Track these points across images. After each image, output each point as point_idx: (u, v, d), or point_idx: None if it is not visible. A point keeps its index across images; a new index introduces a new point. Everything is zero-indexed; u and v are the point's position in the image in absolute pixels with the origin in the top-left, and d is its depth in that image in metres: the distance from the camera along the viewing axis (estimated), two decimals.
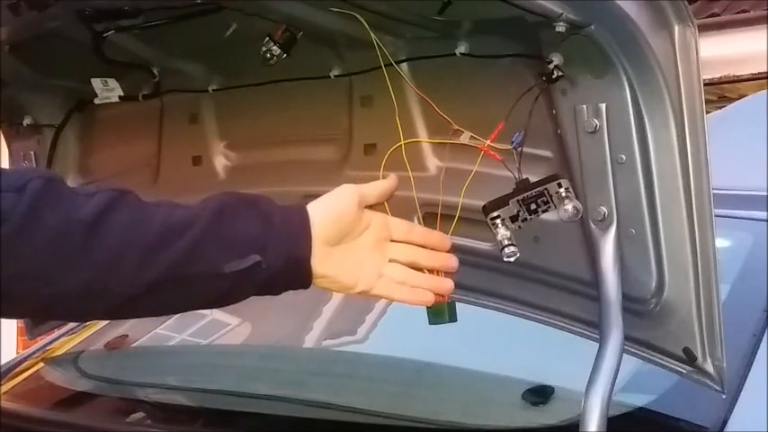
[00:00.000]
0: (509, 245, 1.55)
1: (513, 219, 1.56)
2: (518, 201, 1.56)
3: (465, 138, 1.66)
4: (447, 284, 1.45)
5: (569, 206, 1.56)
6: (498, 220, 1.56)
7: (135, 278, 1.17)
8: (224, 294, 1.28)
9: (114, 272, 1.16)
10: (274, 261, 1.25)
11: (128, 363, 2.63)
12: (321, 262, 1.30)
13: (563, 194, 1.56)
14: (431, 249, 1.45)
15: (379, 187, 1.43)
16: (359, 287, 1.37)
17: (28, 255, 1.11)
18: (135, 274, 1.17)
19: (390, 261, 1.39)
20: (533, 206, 1.57)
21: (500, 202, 1.57)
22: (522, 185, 1.58)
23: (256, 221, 1.26)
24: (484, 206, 1.58)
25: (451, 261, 1.46)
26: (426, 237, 1.44)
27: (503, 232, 1.56)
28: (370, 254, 1.36)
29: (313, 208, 1.32)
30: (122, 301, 1.19)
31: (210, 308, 1.30)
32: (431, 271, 1.47)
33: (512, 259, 1.57)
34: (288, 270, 1.27)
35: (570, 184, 1.56)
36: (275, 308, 2.79)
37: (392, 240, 1.40)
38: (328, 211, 1.33)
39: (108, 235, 1.15)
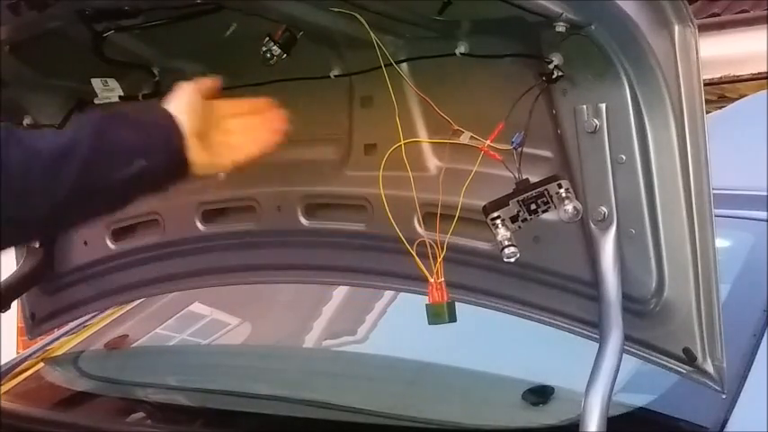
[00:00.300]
0: (509, 245, 1.56)
1: (514, 219, 1.56)
2: (518, 201, 1.56)
3: (465, 138, 1.66)
4: (277, 120, 1.60)
5: (569, 206, 1.56)
6: (498, 221, 1.56)
7: (42, 202, 1.33)
8: (122, 199, 1.45)
9: (22, 201, 1.32)
10: (157, 161, 1.41)
11: (128, 363, 2.62)
12: (195, 153, 1.45)
13: (563, 195, 1.56)
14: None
15: (206, 81, 1.56)
16: (228, 163, 1.55)
17: None
18: (41, 199, 1.33)
19: (232, 132, 1.56)
20: (533, 206, 1.57)
21: (500, 203, 1.57)
22: (522, 186, 1.58)
23: (133, 131, 1.41)
24: (484, 206, 1.58)
25: (274, 108, 1.61)
26: (252, 104, 1.60)
27: (503, 233, 1.56)
28: (220, 134, 1.53)
29: (175, 107, 1.46)
30: (38, 222, 1.38)
31: (115, 211, 1.50)
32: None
33: (512, 259, 1.57)
34: (170, 166, 1.44)
35: (570, 185, 1.56)
36: (275, 308, 2.79)
37: (228, 116, 1.57)
38: (185, 107, 1.47)
39: (6, 175, 1.30)
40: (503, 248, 1.56)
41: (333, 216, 1.92)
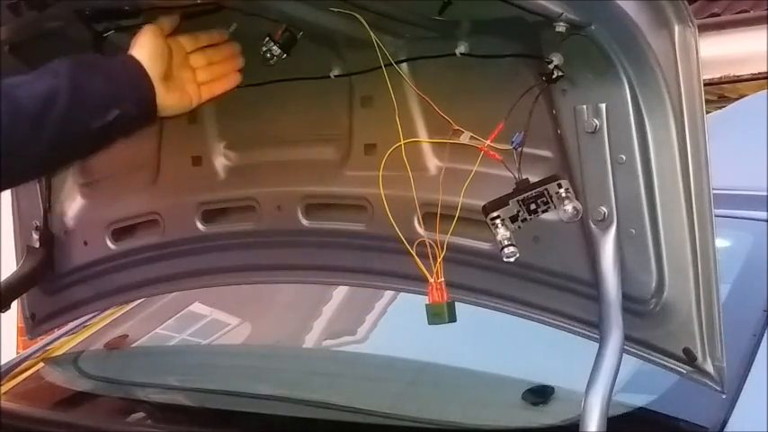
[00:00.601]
0: (509, 245, 1.56)
1: (513, 219, 1.56)
2: (518, 201, 1.56)
3: (465, 138, 1.66)
4: (234, 50, 1.69)
5: (569, 207, 1.56)
6: (498, 221, 1.56)
7: (29, 149, 1.42)
8: (99, 144, 1.54)
9: (12, 149, 1.40)
10: (129, 109, 1.50)
11: (128, 363, 2.62)
12: (162, 96, 1.54)
13: (563, 195, 1.56)
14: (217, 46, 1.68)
15: (168, 19, 1.62)
16: (193, 102, 1.63)
17: None
18: (28, 147, 1.42)
19: (196, 68, 1.64)
20: (533, 206, 1.57)
21: (500, 203, 1.57)
22: (522, 186, 1.58)
23: (105, 80, 1.50)
24: (484, 206, 1.58)
25: (234, 48, 1.69)
26: (209, 37, 1.67)
27: (502, 232, 1.56)
28: (184, 72, 1.62)
29: (138, 53, 1.54)
30: (27, 166, 1.47)
31: (94, 154, 1.61)
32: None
33: (511, 259, 1.57)
34: (141, 112, 1.53)
35: (570, 185, 1.56)
36: (275, 308, 2.79)
37: (188, 54, 1.64)
38: (148, 55, 1.54)
39: None
40: (502, 248, 1.56)
41: (333, 216, 1.92)
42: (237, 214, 2.03)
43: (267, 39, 1.69)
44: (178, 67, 1.60)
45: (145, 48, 1.55)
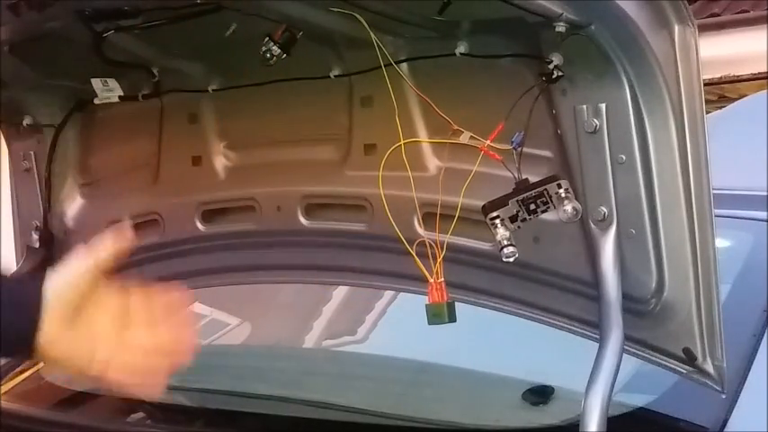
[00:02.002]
0: (508, 245, 1.56)
1: (513, 219, 1.56)
2: (517, 201, 1.56)
3: (465, 138, 1.66)
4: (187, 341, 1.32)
5: (569, 207, 1.56)
6: (498, 221, 1.56)
7: None
8: None
9: None
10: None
11: None
12: (50, 348, 1.18)
13: (562, 195, 1.56)
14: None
15: (109, 249, 1.27)
16: (87, 368, 1.23)
17: None
18: None
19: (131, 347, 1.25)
20: (533, 206, 1.57)
21: (499, 203, 1.57)
22: (522, 186, 1.58)
23: None
24: (483, 206, 1.58)
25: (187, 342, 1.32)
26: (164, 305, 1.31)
27: (502, 232, 1.56)
28: (105, 332, 1.23)
29: (50, 286, 1.19)
30: None
31: None
32: None
33: (511, 259, 1.57)
34: (12, 353, 1.27)
35: (570, 185, 1.56)
36: (275, 308, 2.79)
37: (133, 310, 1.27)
38: (61, 290, 1.20)
39: None
40: (502, 248, 1.56)
41: (333, 216, 1.92)
42: (237, 214, 2.03)
43: (267, 39, 1.69)
44: (102, 323, 1.22)
45: (57, 284, 1.19)
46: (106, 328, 1.22)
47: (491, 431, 1.96)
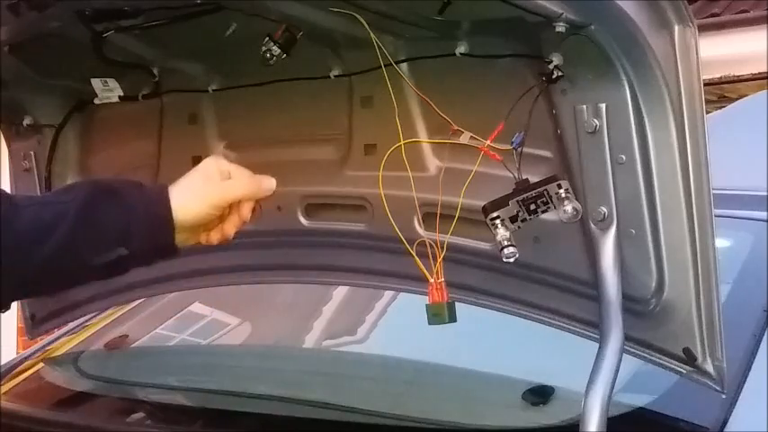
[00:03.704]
0: (508, 245, 1.55)
1: (513, 219, 1.56)
2: (518, 201, 1.56)
3: (465, 138, 1.66)
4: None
5: (569, 207, 1.56)
6: (498, 221, 1.56)
7: (15, 277, 1.32)
8: (98, 277, 1.42)
9: None
10: (140, 249, 1.37)
11: (128, 363, 2.62)
12: (183, 242, 1.42)
13: (563, 195, 1.56)
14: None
15: (247, 191, 1.51)
16: (207, 241, 1.50)
17: None
18: (14, 274, 1.31)
19: (225, 219, 1.50)
20: (533, 207, 1.57)
21: (500, 203, 1.57)
22: (522, 186, 1.58)
23: (120, 214, 1.35)
24: (484, 207, 1.57)
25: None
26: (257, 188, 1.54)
27: (502, 233, 1.56)
28: (214, 222, 1.47)
29: (179, 200, 1.40)
30: (9, 294, 1.39)
31: (87, 283, 1.49)
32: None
33: (511, 260, 1.57)
34: (154, 253, 1.40)
35: (570, 186, 1.56)
36: (275, 308, 2.79)
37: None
38: (194, 213, 1.42)
39: None
40: (502, 248, 1.56)
41: (333, 216, 1.92)
42: None
43: (267, 39, 1.69)
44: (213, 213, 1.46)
45: (190, 206, 1.41)
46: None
47: (491, 431, 1.96)
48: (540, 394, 1.91)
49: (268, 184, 1.52)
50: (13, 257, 1.30)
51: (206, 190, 1.44)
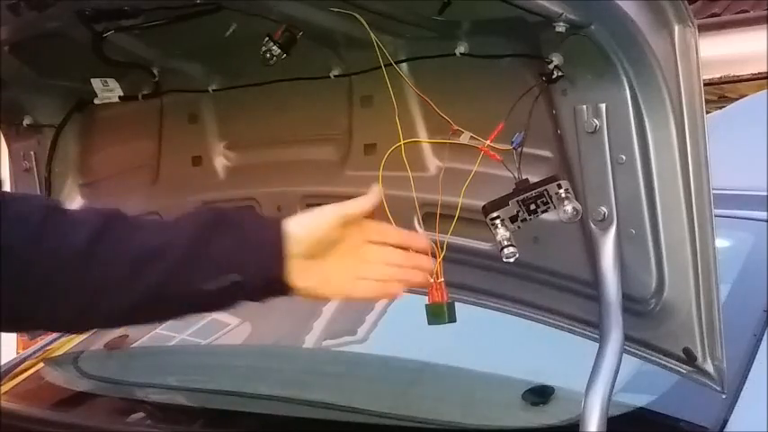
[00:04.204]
0: (508, 245, 1.55)
1: (513, 219, 1.56)
2: (518, 201, 1.56)
3: (465, 138, 1.66)
4: (425, 262, 1.46)
5: (569, 207, 1.56)
6: (498, 221, 1.56)
7: (119, 301, 1.28)
8: (206, 307, 1.39)
9: (100, 297, 1.27)
10: (252, 279, 1.32)
11: (128, 363, 2.63)
12: (298, 276, 1.35)
13: (562, 195, 1.56)
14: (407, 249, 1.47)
15: (362, 205, 1.44)
16: (337, 296, 1.45)
17: (30, 281, 1.23)
18: (119, 298, 1.27)
19: (367, 262, 1.42)
20: (533, 207, 1.57)
21: (500, 203, 1.57)
22: (522, 186, 1.58)
23: (233, 241, 1.32)
24: (484, 207, 1.57)
25: (425, 262, 1.47)
26: (401, 237, 1.46)
27: (502, 233, 1.56)
28: (346, 260, 1.40)
29: (293, 225, 1.35)
30: (110, 320, 1.34)
31: (193, 315, 1.42)
32: None
33: (511, 260, 1.57)
34: (266, 286, 1.35)
35: (570, 185, 1.56)
36: (275, 308, 2.79)
37: (370, 242, 1.43)
38: (308, 231, 1.36)
39: (95, 263, 1.25)
40: (502, 248, 1.56)
41: None
42: None
43: (267, 39, 1.69)
44: (343, 253, 1.39)
45: (305, 223, 1.36)
46: (345, 256, 1.39)
47: (491, 431, 1.96)
48: (540, 394, 1.91)
49: (375, 190, 1.48)
50: (121, 282, 1.26)
51: (321, 209, 1.41)
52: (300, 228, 1.35)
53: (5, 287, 1.21)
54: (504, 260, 1.56)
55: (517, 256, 1.56)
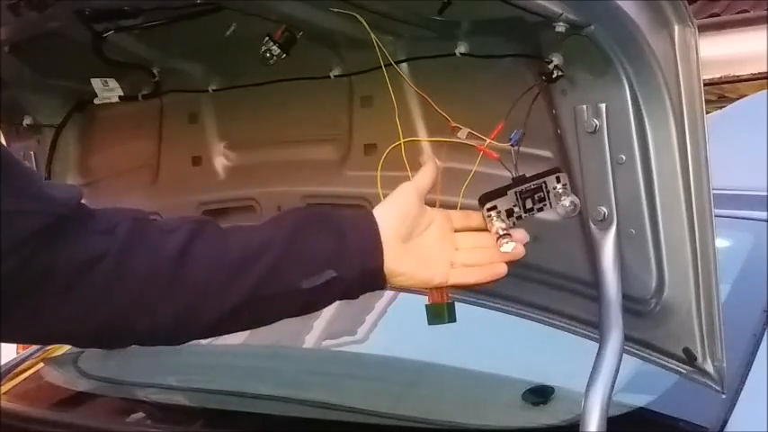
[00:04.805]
0: (504, 235, 1.53)
1: (509, 213, 1.55)
2: (515, 192, 1.55)
3: (463, 134, 1.66)
4: (518, 249, 1.51)
5: (567, 201, 1.56)
6: (494, 212, 1.54)
7: (220, 304, 1.29)
8: (304, 307, 1.38)
9: (200, 301, 1.27)
10: (349, 273, 1.34)
11: (128, 363, 2.63)
12: (395, 262, 1.38)
13: (560, 191, 1.56)
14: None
15: (428, 174, 1.51)
16: (435, 280, 1.46)
17: (122, 294, 1.23)
18: (219, 301, 1.28)
19: (459, 248, 1.48)
20: (529, 204, 1.56)
21: (497, 193, 1.56)
22: (520, 179, 1.58)
23: (329, 237, 1.35)
24: (480, 197, 1.56)
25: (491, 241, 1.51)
26: (481, 219, 1.52)
27: (498, 224, 1.54)
28: (439, 246, 1.45)
29: (380, 212, 1.40)
30: (210, 325, 1.32)
31: (292, 316, 1.40)
32: None
33: (508, 249, 1.55)
34: (363, 278, 1.37)
35: (568, 179, 1.57)
36: None
37: (455, 230, 1.49)
38: (394, 212, 1.41)
39: (191, 268, 1.26)
40: (498, 238, 1.53)
41: None
42: (237, 214, 2.03)
43: (267, 39, 1.69)
44: (435, 240, 1.44)
45: (389, 206, 1.41)
46: (438, 243, 1.44)
47: (491, 431, 1.96)
48: (540, 394, 1.91)
49: (429, 159, 1.55)
50: (221, 285, 1.28)
51: (398, 188, 1.47)
52: (386, 211, 1.40)
53: (102, 302, 1.21)
54: (502, 250, 1.54)
55: (514, 245, 1.55)
